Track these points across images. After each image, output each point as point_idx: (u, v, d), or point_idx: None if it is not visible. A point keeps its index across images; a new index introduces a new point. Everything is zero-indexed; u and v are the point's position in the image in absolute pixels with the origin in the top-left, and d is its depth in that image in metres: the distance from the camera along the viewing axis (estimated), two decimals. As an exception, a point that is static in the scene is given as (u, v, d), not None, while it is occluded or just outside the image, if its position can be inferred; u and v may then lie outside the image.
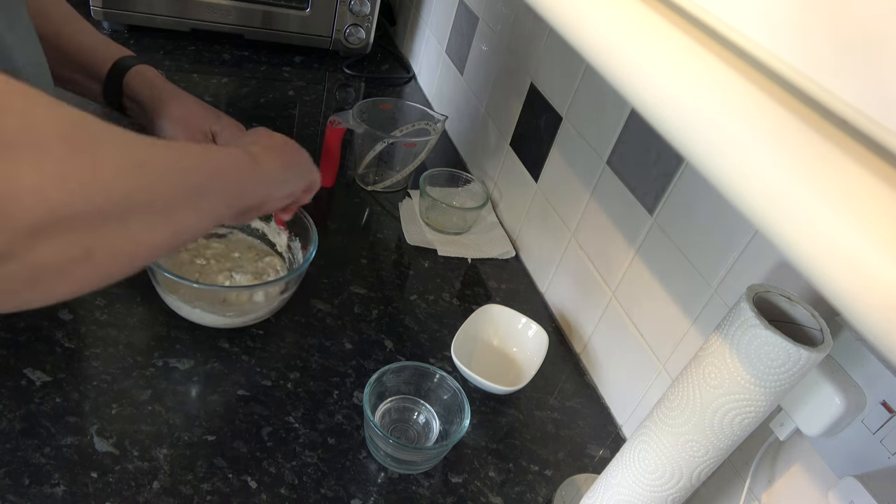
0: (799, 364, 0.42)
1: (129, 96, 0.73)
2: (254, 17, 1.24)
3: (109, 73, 0.72)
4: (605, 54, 0.31)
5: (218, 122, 0.72)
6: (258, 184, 0.55)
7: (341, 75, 1.32)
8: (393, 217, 1.00)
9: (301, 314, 0.79)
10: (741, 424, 0.46)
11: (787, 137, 0.22)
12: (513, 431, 0.73)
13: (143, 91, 0.72)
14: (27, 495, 0.55)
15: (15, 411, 0.61)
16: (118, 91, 0.73)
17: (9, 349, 0.66)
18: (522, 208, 0.98)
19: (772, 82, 0.24)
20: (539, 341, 0.79)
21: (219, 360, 0.71)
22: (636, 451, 0.52)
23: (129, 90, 0.73)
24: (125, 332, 0.70)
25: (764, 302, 0.46)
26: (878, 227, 0.20)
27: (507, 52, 1.03)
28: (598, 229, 0.81)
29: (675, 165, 0.68)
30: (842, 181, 0.21)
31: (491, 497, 0.66)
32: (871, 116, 0.21)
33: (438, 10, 1.30)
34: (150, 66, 0.75)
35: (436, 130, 1.03)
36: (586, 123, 0.84)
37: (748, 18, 0.25)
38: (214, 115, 0.73)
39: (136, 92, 0.72)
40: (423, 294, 0.87)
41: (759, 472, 0.59)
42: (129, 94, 0.73)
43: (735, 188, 0.24)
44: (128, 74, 0.72)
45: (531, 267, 0.96)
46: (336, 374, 0.73)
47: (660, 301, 0.71)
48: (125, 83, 0.72)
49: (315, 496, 0.61)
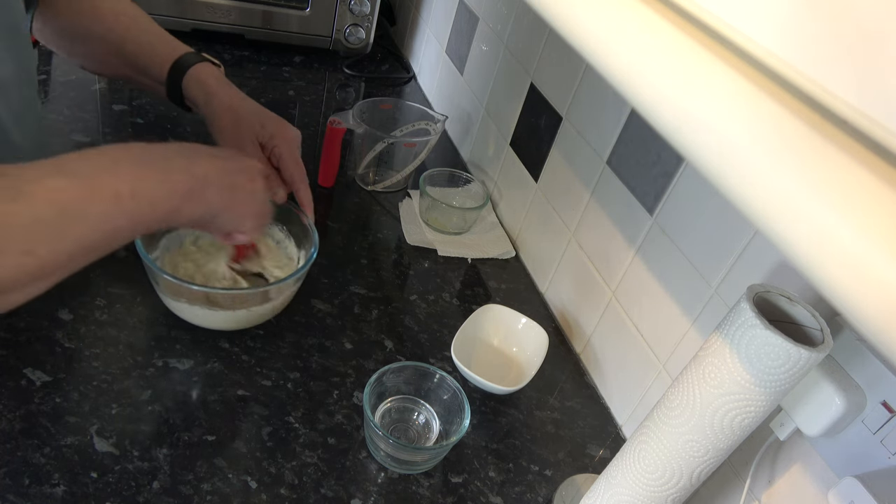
0: (799, 364, 0.42)
1: (189, 99, 0.75)
2: (254, 17, 1.24)
3: (169, 77, 0.74)
4: (604, 54, 0.31)
5: (262, 132, 0.74)
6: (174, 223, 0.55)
7: (341, 75, 1.32)
8: (393, 217, 1.00)
9: (301, 314, 0.79)
10: (741, 424, 0.46)
11: (788, 137, 0.22)
12: (513, 431, 0.73)
13: (198, 97, 0.74)
14: (27, 495, 0.55)
15: (15, 411, 0.61)
16: (180, 94, 0.75)
17: (9, 349, 0.66)
18: (522, 208, 0.98)
19: (772, 82, 0.24)
20: (539, 341, 0.79)
21: (219, 360, 0.71)
22: (636, 451, 0.52)
23: (187, 96, 0.75)
24: (125, 332, 0.70)
25: (764, 302, 0.46)
26: (878, 227, 0.20)
27: (507, 52, 1.03)
28: (598, 229, 0.81)
29: (675, 165, 0.68)
30: (842, 181, 0.21)
31: (491, 497, 0.66)
32: (872, 116, 0.21)
33: (438, 10, 1.30)
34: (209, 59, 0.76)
35: (436, 130, 1.03)
36: (586, 123, 0.84)
37: (749, 18, 0.25)
38: (259, 124, 0.74)
39: (192, 97, 0.74)
40: (423, 294, 0.87)
41: (759, 472, 0.59)
42: (188, 100, 0.75)
43: (735, 188, 0.24)
44: (185, 79, 0.74)
45: (531, 267, 0.96)
46: (336, 374, 0.73)
47: (660, 301, 0.71)
48: (183, 87, 0.74)
49: (315, 496, 0.61)
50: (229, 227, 0.61)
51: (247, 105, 0.75)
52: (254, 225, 0.63)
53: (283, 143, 0.75)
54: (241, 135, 0.73)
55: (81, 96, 1.03)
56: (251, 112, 0.74)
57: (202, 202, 0.55)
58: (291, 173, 0.75)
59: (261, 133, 0.74)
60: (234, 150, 0.70)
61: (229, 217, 0.59)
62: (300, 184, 0.76)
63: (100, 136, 0.96)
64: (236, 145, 0.72)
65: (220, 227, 0.60)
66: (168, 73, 0.74)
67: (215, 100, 0.73)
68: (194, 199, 0.54)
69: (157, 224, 0.52)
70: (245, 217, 0.62)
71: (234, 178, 0.59)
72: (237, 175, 0.60)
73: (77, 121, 0.97)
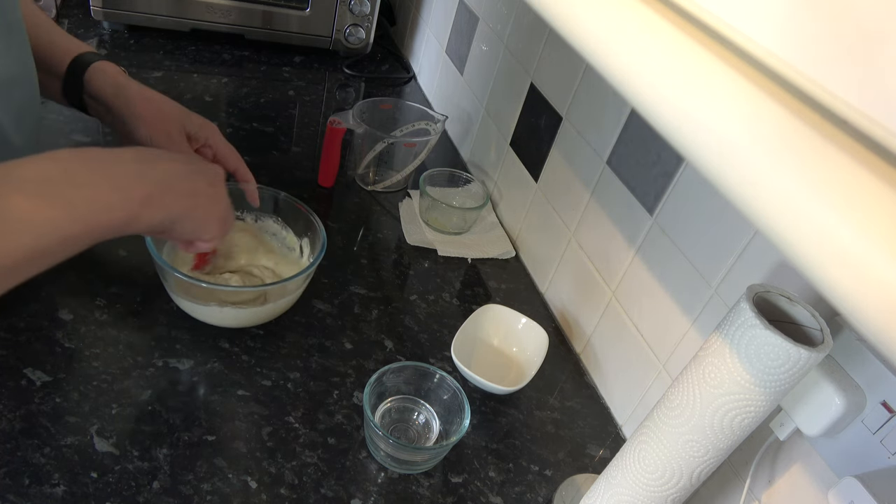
0: (799, 364, 0.42)
1: (90, 94, 0.71)
2: (254, 17, 1.24)
3: (68, 70, 0.70)
4: (604, 54, 0.31)
5: (190, 122, 0.71)
6: (133, 230, 0.53)
7: (341, 75, 1.32)
8: (393, 217, 1.00)
9: (301, 314, 0.79)
10: (741, 424, 0.46)
11: (788, 137, 0.22)
12: (513, 431, 0.73)
13: (105, 89, 0.70)
14: (27, 495, 0.55)
15: (15, 411, 0.61)
16: (78, 89, 0.70)
17: (9, 349, 0.66)
18: (522, 208, 0.98)
19: (772, 82, 0.24)
20: (539, 341, 0.79)
21: (219, 360, 0.71)
22: (636, 451, 0.52)
23: (90, 88, 0.70)
24: (125, 332, 0.70)
25: (764, 302, 0.46)
26: (878, 227, 0.20)
27: (507, 52, 1.03)
28: (598, 229, 0.81)
29: (675, 165, 0.68)
30: (842, 181, 0.21)
31: (491, 497, 0.66)
32: (872, 116, 0.21)
33: (438, 10, 1.30)
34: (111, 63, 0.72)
35: (436, 130, 1.03)
36: (586, 123, 0.84)
37: (749, 18, 0.25)
38: (185, 115, 0.72)
39: (97, 90, 0.70)
40: (423, 294, 0.87)
41: (759, 472, 0.59)
42: (90, 93, 0.70)
43: (735, 188, 0.24)
44: (88, 71, 0.70)
45: (531, 267, 0.96)
46: (336, 374, 0.73)
47: (660, 301, 0.71)
48: (85, 81, 0.70)
49: (315, 496, 0.61)
50: (191, 233, 0.59)
51: (163, 97, 0.72)
52: (217, 231, 0.61)
53: (212, 132, 0.73)
54: (167, 125, 0.70)
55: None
56: (171, 104, 0.72)
57: (161, 208, 0.54)
58: (228, 157, 0.74)
59: (188, 123, 0.71)
60: (190, 153, 0.68)
61: (191, 223, 0.57)
62: (238, 164, 0.75)
63: (100, 136, 0.96)
64: (163, 136, 0.69)
65: (181, 233, 0.58)
66: (67, 67, 0.70)
67: (128, 91, 0.70)
68: (153, 204, 0.53)
69: (114, 232, 0.50)
70: (207, 222, 0.60)
71: (194, 182, 0.58)
72: (197, 179, 0.58)
73: (77, 121, 0.97)
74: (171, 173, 0.55)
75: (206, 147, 0.73)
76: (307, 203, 0.79)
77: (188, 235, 0.59)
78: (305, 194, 0.97)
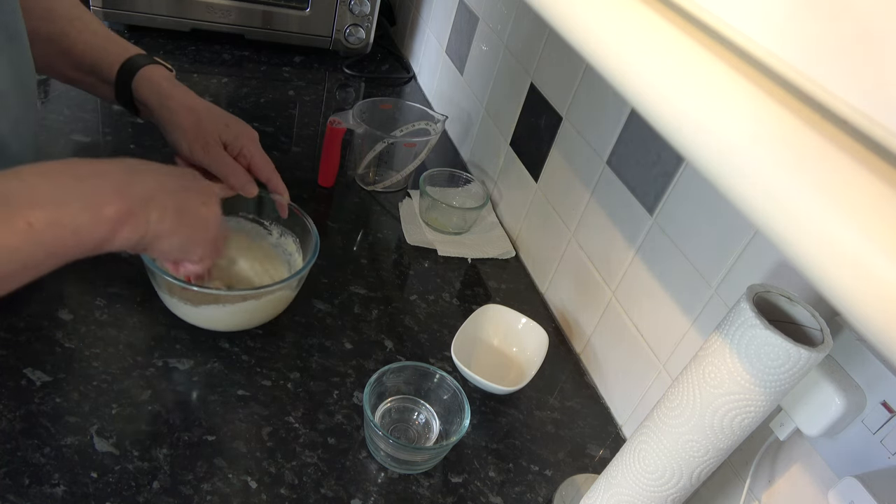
0: (799, 364, 0.42)
1: (139, 100, 0.73)
2: (254, 17, 1.24)
3: (118, 77, 0.72)
4: (604, 54, 0.31)
5: (227, 132, 0.72)
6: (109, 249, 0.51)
7: (341, 75, 1.32)
8: (393, 217, 1.00)
9: (301, 314, 0.79)
10: (741, 424, 0.46)
11: (787, 137, 0.22)
12: (513, 431, 0.73)
13: (150, 98, 0.71)
14: (27, 495, 0.55)
15: (15, 411, 0.61)
16: (129, 95, 0.73)
17: (9, 349, 0.66)
18: (522, 208, 0.98)
19: (771, 82, 0.24)
20: (539, 341, 0.79)
21: (219, 360, 0.71)
22: (636, 451, 0.52)
23: (138, 95, 0.72)
24: (125, 332, 0.70)
25: (764, 302, 0.46)
26: (878, 227, 0.20)
27: (507, 52, 1.03)
28: (598, 229, 0.81)
29: (675, 165, 0.68)
30: (842, 181, 0.21)
31: (491, 497, 0.66)
32: (872, 116, 0.21)
33: (438, 10, 1.30)
34: (160, 63, 0.74)
35: (436, 130, 1.03)
36: (586, 123, 0.84)
37: (749, 18, 0.25)
38: (223, 124, 0.72)
39: (144, 98, 0.72)
40: (423, 294, 0.87)
41: (759, 472, 0.59)
42: (138, 99, 0.73)
43: (735, 188, 0.24)
44: (135, 79, 0.72)
45: (531, 267, 0.96)
46: (336, 374, 0.73)
47: (660, 301, 0.71)
48: (133, 88, 0.72)
49: (315, 496, 0.61)
50: (177, 253, 0.57)
51: (206, 105, 0.73)
52: (204, 254, 0.59)
53: (249, 141, 0.73)
54: (204, 134, 0.70)
55: (82, 96, 1.03)
56: (212, 112, 0.73)
57: (140, 225, 0.51)
58: (263, 168, 0.74)
59: (225, 133, 0.72)
60: (191, 169, 0.66)
61: (176, 243, 0.55)
62: (272, 174, 0.75)
63: (100, 136, 0.96)
64: (200, 145, 0.70)
65: (166, 252, 0.56)
66: (117, 74, 0.72)
67: (171, 101, 0.71)
68: (130, 222, 0.50)
69: (85, 252, 0.48)
70: (194, 243, 0.57)
71: (183, 200, 0.55)
72: (187, 197, 0.56)
73: (77, 121, 0.97)
74: (158, 189, 0.53)
75: (242, 156, 0.74)
76: (308, 203, 0.79)
77: (174, 255, 0.58)
78: (305, 194, 0.97)
